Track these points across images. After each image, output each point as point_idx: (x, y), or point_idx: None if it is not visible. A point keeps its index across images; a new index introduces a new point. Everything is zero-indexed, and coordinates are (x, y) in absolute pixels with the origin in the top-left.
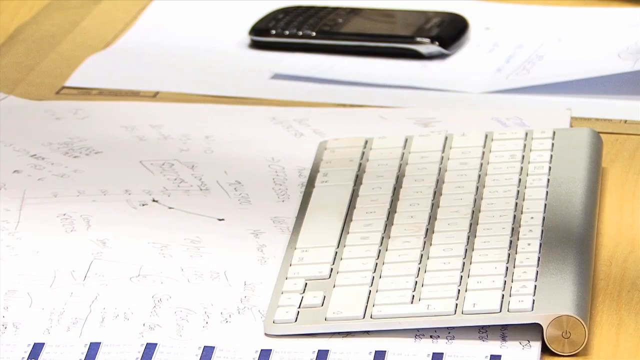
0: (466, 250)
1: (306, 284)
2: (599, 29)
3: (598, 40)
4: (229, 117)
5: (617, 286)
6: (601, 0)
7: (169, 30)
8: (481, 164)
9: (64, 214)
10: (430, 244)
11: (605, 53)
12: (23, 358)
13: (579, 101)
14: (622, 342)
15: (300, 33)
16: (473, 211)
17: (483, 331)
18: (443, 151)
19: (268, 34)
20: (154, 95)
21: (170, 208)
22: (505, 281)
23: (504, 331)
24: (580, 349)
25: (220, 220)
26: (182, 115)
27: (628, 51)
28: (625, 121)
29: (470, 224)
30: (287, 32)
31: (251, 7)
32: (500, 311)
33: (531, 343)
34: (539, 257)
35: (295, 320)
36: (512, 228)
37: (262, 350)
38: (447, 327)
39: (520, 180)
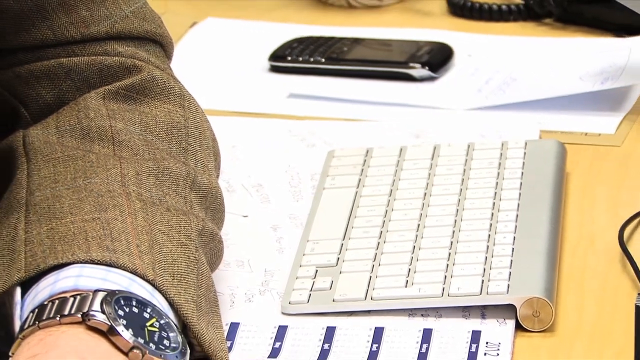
0: (451, 242)
1: (317, 270)
2: (563, 56)
3: (562, 66)
4: (252, 130)
5: (579, 273)
6: (565, 31)
7: (203, 55)
8: (464, 170)
9: None
10: (422, 237)
11: (568, 76)
12: None
13: (546, 116)
14: (584, 320)
15: (312, 59)
16: (457, 210)
17: (466, 311)
18: (432, 159)
19: (285, 60)
20: None
21: None
22: (484, 269)
23: (484, 311)
24: (548, 326)
25: (244, 216)
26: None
27: (587, 75)
28: (586, 133)
29: (455, 221)
30: (300, 59)
31: (270, 37)
32: (480, 294)
33: (506, 321)
34: (512, 249)
35: (308, 301)
36: (490, 224)
37: (279, 326)
38: (436, 307)
39: (497, 183)
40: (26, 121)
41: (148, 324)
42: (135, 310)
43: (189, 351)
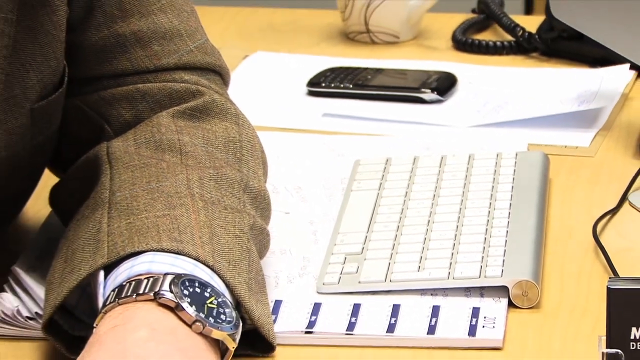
0: (455, 235)
1: (345, 257)
2: (546, 83)
3: (546, 91)
4: (292, 143)
5: (560, 260)
6: (549, 63)
7: (253, 82)
8: (466, 176)
9: None
10: (431, 231)
11: (551, 100)
12: None
13: (533, 132)
14: (564, 299)
15: (342, 85)
16: (460, 208)
17: (467, 291)
18: (440, 167)
19: (319, 85)
20: None
21: None
22: (482, 256)
23: (482, 291)
24: (535, 303)
25: (286, 213)
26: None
27: (567, 98)
28: (565, 146)
29: (459, 217)
30: (332, 85)
31: (308, 67)
32: (479, 277)
33: (501, 299)
34: (505, 240)
35: (338, 283)
36: (487, 220)
37: (315, 303)
38: (443, 288)
39: (493, 187)
40: (109, 135)
41: (208, 301)
42: (198, 290)
43: (241, 324)
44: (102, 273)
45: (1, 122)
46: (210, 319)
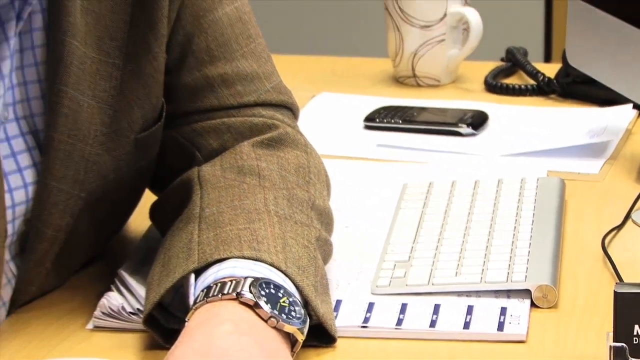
0: (487, 246)
1: (395, 264)
2: (563, 120)
3: (563, 126)
4: (352, 168)
5: (575, 268)
6: (565, 103)
7: (319, 117)
8: (495, 197)
9: None
10: (467, 242)
11: (567, 134)
12: None
13: (552, 161)
14: (578, 301)
15: (393, 121)
16: (491, 224)
17: (496, 293)
18: (474, 189)
19: (374, 121)
20: None
21: None
22: (509, 264)
23: (509, 293)
24: (553, 304)
25: (346, 227)
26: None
27: (580, 132)
28: (578, 173)
29: (489, 231)
30: (385, 120)
31: (365, 105)
32: (507, 281)
33: (524, 300)
34: (529, 251)
35: (389, 285)
36: (513, 234)
37: (369, 302)
38: (476, 290)
39: (518, 206)
40: (199, 161)
41: (281, 300)
42: (273, 291)
43: (308, 320)
44: (193, 276)
45: (110, 150)
46: (283, 315)
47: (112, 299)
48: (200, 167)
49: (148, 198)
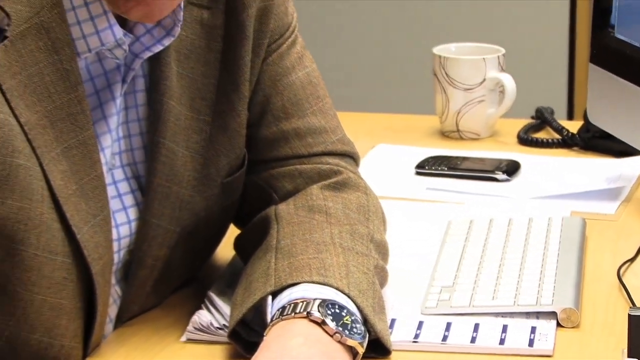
0: (519, 274)
1: (441, 289)
2: (584, 169)
3: (583, 174)
4: (405, 208)
5: (594, 294)
6: (586, 155)
7: (377, 165)
8: (527, 233)
9: None
10: (502, 271)
11: (587, 180)
12: None
13: (574, 203)
14: (597, 322)
15: (439, 168)
16: (522, 255)
17: (527, 314)
18: (508, 226)
19: (424, 168)
20: None
21: None
22: (538, 290)
23: (538, 314)
24: (576, 325)
25: (400, 257)
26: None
27: (599, 179)
28: (597, 213)
29: (521, 262)
30: (433, 167)
31: (416, 155)
32: (536, 304)
33: (551, 320)
34: (555, 279)
35: (436, 307)
36: (542, 264)
37: (419, 320)
38: (510, 312)
39: (545, 241)
40: (275, 200)
41: (344, 319)
42: (337, 311)
43: (367, 335)
44: (270, 297)
45: (201, 192)
46: (346, 331)
47: (202, 316)
48: (276, 206)
49: (232, 232)
